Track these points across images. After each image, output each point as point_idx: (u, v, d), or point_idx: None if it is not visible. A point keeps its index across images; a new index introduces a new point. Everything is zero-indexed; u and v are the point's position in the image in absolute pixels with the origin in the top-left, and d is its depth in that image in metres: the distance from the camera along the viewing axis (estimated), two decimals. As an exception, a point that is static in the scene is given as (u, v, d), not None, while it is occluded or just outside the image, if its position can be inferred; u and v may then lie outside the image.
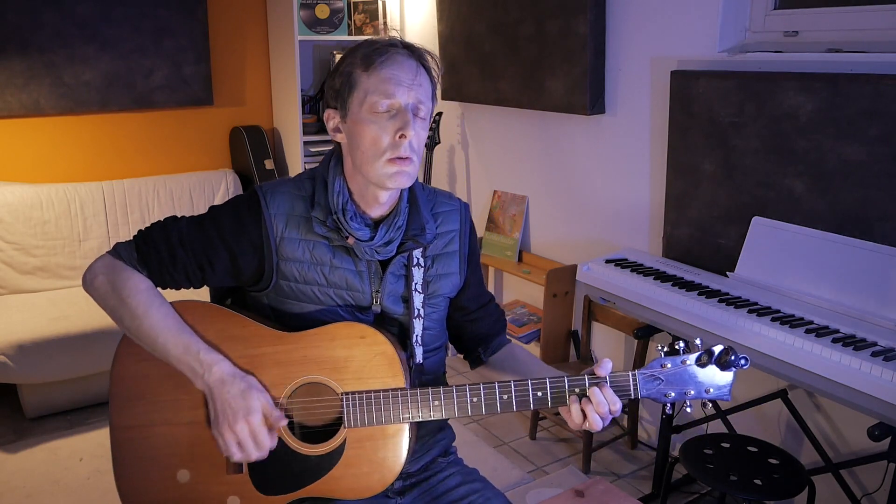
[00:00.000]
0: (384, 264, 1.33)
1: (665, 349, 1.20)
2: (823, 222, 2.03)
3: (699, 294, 2.07)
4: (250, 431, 1.20)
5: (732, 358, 1.15)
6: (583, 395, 1.19)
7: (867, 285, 1.87)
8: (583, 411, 1.18)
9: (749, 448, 2.08)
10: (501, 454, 2.76)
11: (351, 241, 1.28)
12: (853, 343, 1.71)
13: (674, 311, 2.08)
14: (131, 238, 1.32)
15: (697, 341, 1.20)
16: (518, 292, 3.45)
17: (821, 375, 1.71)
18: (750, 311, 1.92)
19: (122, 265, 1.29)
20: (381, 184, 1.25)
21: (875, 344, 1.71)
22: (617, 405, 1.17)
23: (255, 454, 1.22)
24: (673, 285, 2.16)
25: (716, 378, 1.18)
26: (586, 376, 1.20)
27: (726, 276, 2.21)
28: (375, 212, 1.32)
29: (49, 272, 3.21)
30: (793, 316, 1.88)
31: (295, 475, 1.26)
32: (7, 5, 3.13)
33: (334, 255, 1.30)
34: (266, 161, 3.74)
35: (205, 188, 3.64)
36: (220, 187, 3.67)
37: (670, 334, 2.28)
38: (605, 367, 1.19)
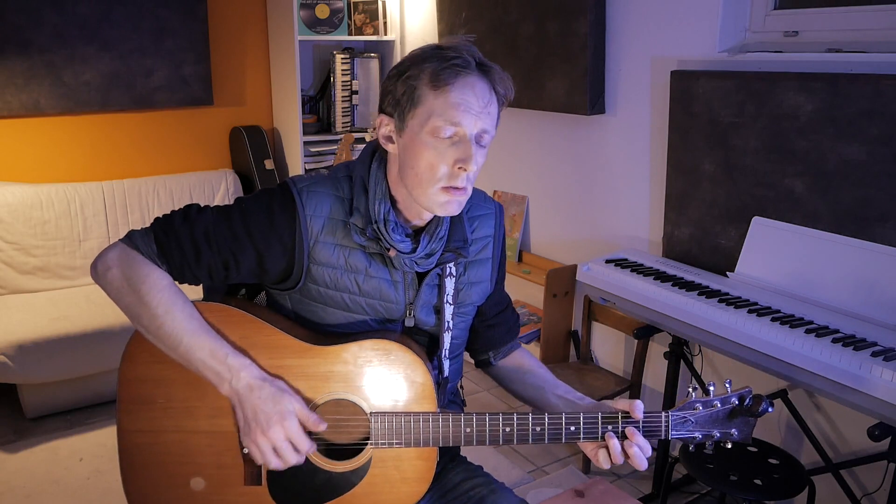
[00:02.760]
0: (420, 274, 1.28)
1: (695, 389, 1.21)
2: (823, 222, 2.03)
3: (699, 294, 2.07)
4: (286, 436, 1.15)
5: (763, 406, 1.16)
6: (619, 435, 1.18)
7: (867, 285, 1.87)
8: (624, 451, 1.18)
9: (749, 448, 2.08)
10: (502, 454, 2.76)
11: (392, 253, 1.22)
12: (853, 343, 1.71)
13: (674, 311, 2.08)
14: (147, 227, 1.22)
15: (727, 384, 1.20)
16: (518, 292, 3.45)
17: (821, 375, 1.71)
18: (750, 311, 1.92)
19: (140, 258, 1.18)
20: (429, 209, 1.20)
21: (875, 344, 1.71)
22: (649, 452, 1.19)
23: (294, 459, 1.16)
24: (673, 285, 2.16)
25: (741, 421, 1.20)
26: (620, 415, 1.19)
27: (726, 276, 2.21)
28: (417, 221, 1.26)
29: (49, 272, 3.21)
30: (793, 316, 1.88)
31: (315, 490, 1.23)
32: (7, 5, 3.12)
33: (370, 263, 1.24)
34: (266, 161, 3.74)
35: (205, 188, 3.64)
36: (220, 187, 3.68)
37: (670, 334, 2.28)
38: (639, 409, 1.18)
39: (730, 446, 1.21)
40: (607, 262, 2.41)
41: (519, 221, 3.30)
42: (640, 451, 1.17)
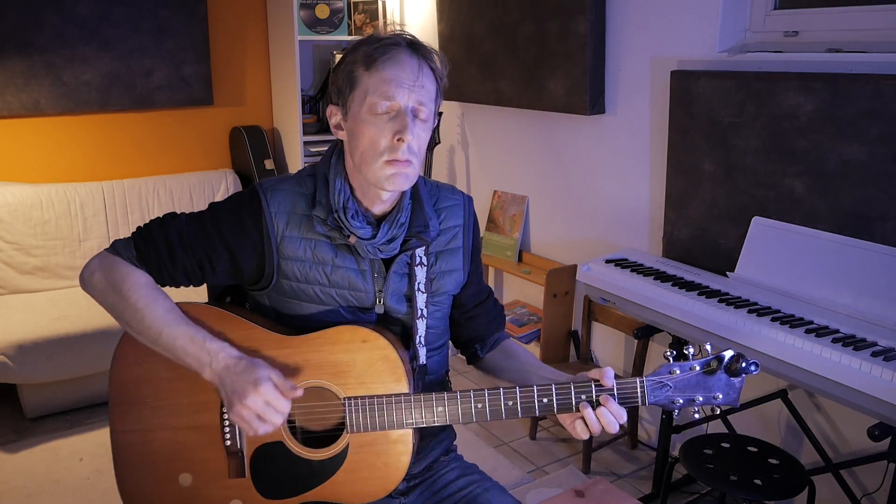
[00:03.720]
0: (387, 263, 1.31)
1: (673, 353, 1.18)
2: (823, 222, 2.03)
3: (699, 294, 2.07)
4: (264, 401, 1.17)
5: (743, 364, 1.13)
6: (593, 403, 1.18)
7: (867, 285, 1.87)
8: (598, 419, 1.17)
9: (749, 448, 2.08)
10: (501, 454, 2.76)
11: (353, 239, 1.26)
12: (853, 343, 1.71)
13: (674, 312, 2.08)
14: (129, 235, 1.30)
15: (708, 346, 1.17)
16: (518, 292, 3.45)
17: (821, 375, 1.71)
18: (750, 311, 1.92)
19: (121, 261, 1.27)
20: (379, 185, 1.24)
21: (875, 344, 1.71)
22: (623, 418, 1.18)
23: (278, 419, 1.18)
24: (673, 285, 2.16)
25: (725, 384, 1.16)
26: (593, 384, 1.18)
27: (726, 276, 2.21)
28: (377, 209, 1.29)
29: (49, 272, 3.21)
30: (793, 316, 1.88)
31: (297, 479, 1.25)
32: (7, 5, 3.12)
33: (336, 254, 1.28)
34: (266, 161, 3.74)
35: (205, 188, 3.64)
36: (220, 187, 3.68)
37: (670, 334, 2.28)
38: (609, 377, 1.18)
39: (718, 412, 1.19)
40: (607, 262, 2.41)
41: (519, 221, 3.30)
42: (614, 418, 1.17)
